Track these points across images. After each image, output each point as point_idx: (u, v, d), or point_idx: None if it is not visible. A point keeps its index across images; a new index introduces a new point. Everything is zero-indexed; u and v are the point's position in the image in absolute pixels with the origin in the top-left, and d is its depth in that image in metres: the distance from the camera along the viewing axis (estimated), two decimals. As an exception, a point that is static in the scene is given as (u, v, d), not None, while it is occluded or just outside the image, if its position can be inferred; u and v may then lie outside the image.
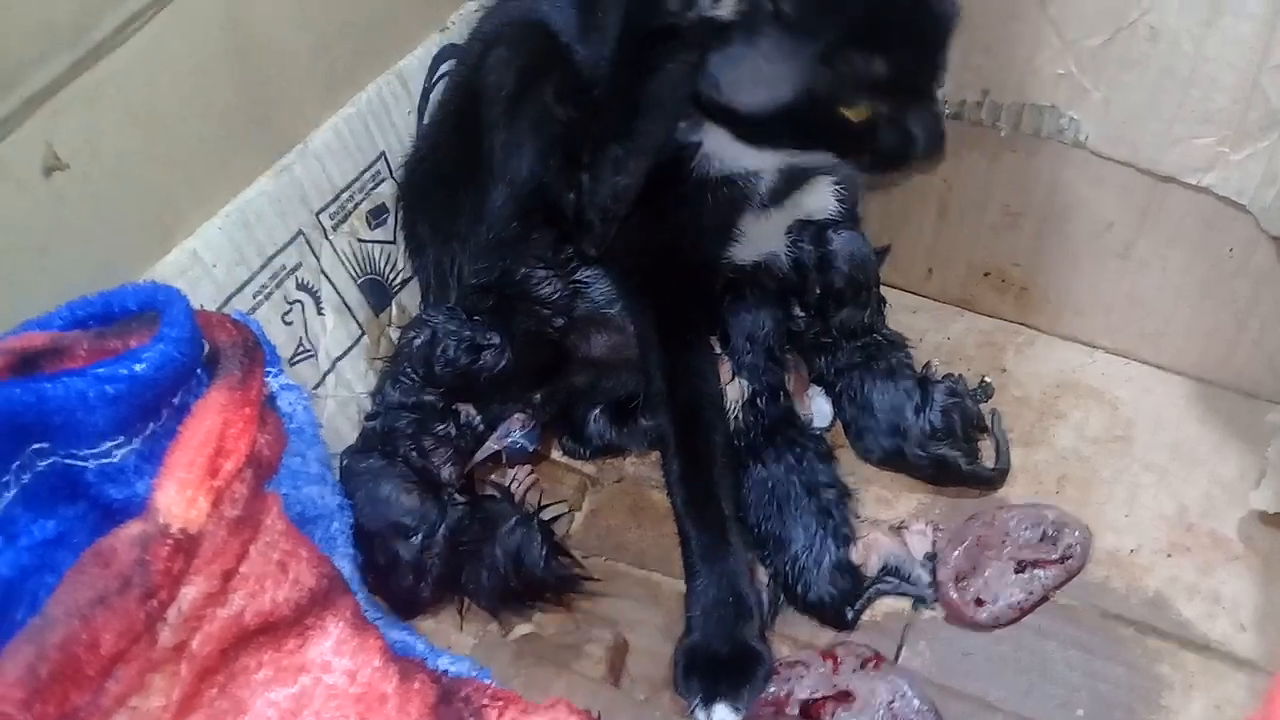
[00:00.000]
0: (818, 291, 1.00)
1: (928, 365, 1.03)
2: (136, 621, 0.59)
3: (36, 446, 0.61)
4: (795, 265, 1.01)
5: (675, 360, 0.95)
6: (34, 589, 0.61)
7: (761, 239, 0.98)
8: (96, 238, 0.77)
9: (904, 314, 1.11)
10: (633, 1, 0.82)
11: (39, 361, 0.62)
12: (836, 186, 1.00)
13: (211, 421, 0.64)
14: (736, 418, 0.95)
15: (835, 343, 1.02)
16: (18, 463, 0.61)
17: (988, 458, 0.99)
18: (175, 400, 0.65)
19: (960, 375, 1.02)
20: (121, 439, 0.63)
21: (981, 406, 1.02)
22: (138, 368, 0.62)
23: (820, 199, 1.00)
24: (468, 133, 0.97)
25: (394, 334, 1.02)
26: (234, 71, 0.85)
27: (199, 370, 0.67)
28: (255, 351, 0.69)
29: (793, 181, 0.96)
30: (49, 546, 0.62)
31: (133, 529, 0.60)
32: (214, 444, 0.63)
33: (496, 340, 0.93)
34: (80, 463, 0.62)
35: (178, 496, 0.62)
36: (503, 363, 0.94)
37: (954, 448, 0.96)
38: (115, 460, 0.63)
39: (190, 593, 0.63)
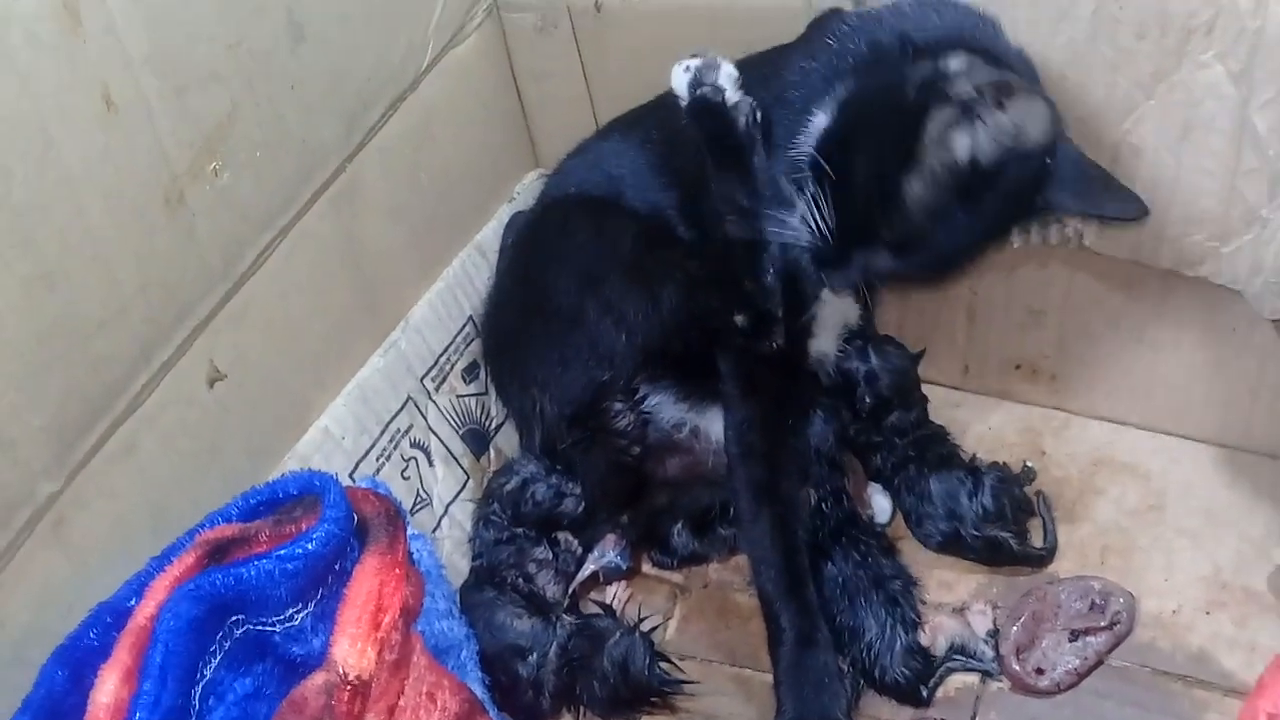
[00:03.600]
0: (868, 401, 1.12)
1: (973, 457, 1.14)
2: (329, 757, 0.72)
3: (234, 618, 0.75)
4: (841, 374, 1.13)
5: (775, 460, 1.04)
6: (240, 738, 0.75)
7: (820, 333, 1.09)
8: (251, 431, 0.92)
9: (947, 408, 1.22)
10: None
11: (230, 549, 0.77)
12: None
13: (370, 584, 0.77)
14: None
15: (886, 441, 1.13)
16: (220, 633, 0.75)
17: (1035, 538, 1.09)
18: (337, 567, 0.79)
19: (1004, 464, 1.13)
20: (300, 605, 0.77)
21: (1026, 489, 1.12)
22: (310, 546, 0.76)
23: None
24: (533, 291, 1.09)
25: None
26: (347, 274, 1.01)
27: (352, 539, 0.81)
28: (397, 519, 0.83)
29: None
30: (249, 700, 0.76)
31: (318, 679, 0.74)
32: (375, 602, 0.77)
33: (579, 491, 1.08)
34: (269, 628, 0.76)
35: (351, 649, 0.75)
36: (581, 509, 1.08)
37: (1005, 529, 1.07)
38: (296, 623, 0.77)
39: (365, 729, 0.76)
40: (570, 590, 1.08)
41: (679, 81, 0.96)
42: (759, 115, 0.96)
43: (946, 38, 0.93)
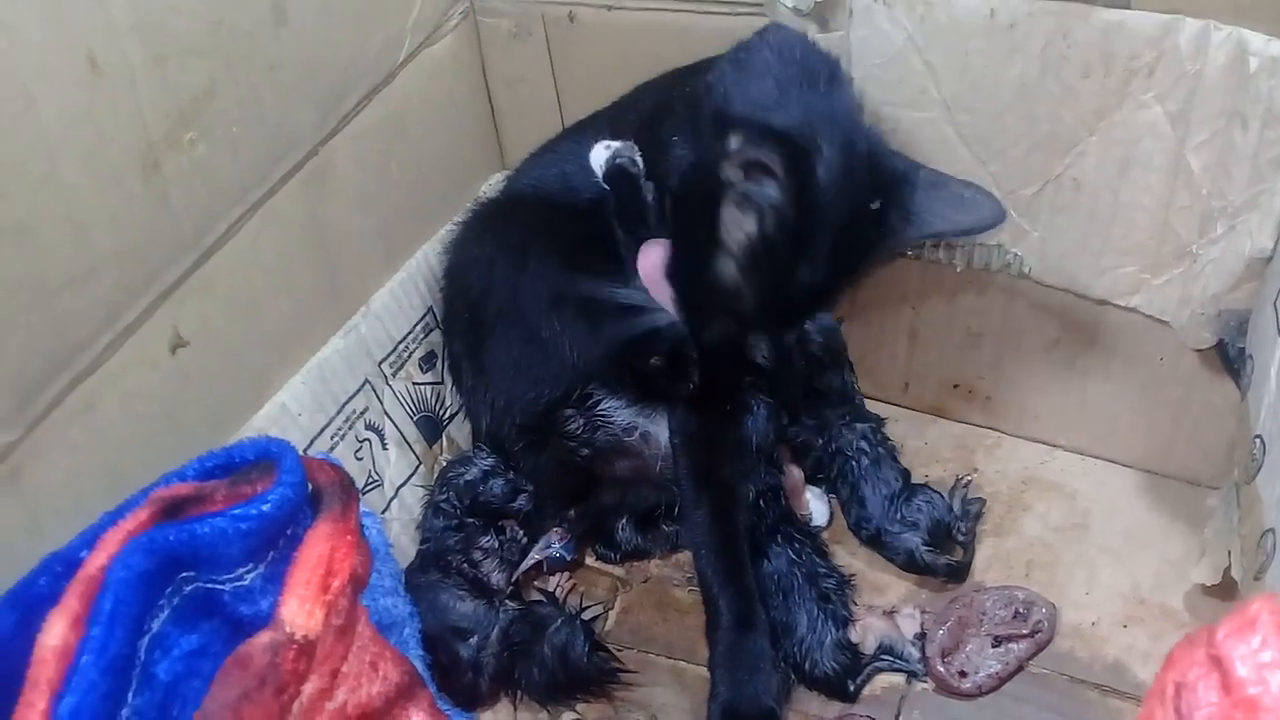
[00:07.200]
0: (802, 362, 1.15)
1: (959, 480, 1.17)
2: (273, 713, 0.74)
3: (184, 575, 0.77)
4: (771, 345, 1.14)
5: (716, 448, 1.08)
6: (185, 692, 0.76)
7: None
8: (210, 400, 0.94)
9: (886, 423, 1.26)
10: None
11: (185, 507, 0.78)
12: None
13: (321, 548, 0.79)
14: (742, 518, 1.10)
15: (820, 423, 1.17)
16: (170, 588, 0.76)
17: (956, 552, 1.13)
18: (289, 532, 0.81)
19: (968, 481, 1.16)
20: (251, 565, 0.78)
21: (969, 508, 1.15)
22: (264, 508, 0.78)
23: None
24: (491, 292, 1.12)
25: (445, 463, 1.18)
26: (312, 255, 1.03)
27: (306, 506, 0.83)
28: (350, 490, 0.85)
29: None
30: (194, 656, 0.77)
31: (264, 637, 0.76)
32: (325, 566, 0.79)
33: (531, 489, 1.11)
34: (219, 586, 0.78)
35: (299, 610, 0.77)
36: (531, 506, 1.11)
37: (926, 543, 1.11)
38: (246, 583, 0.78)
39: (309, 689, 0.77)
40: (514, 578, 1.10)
41: (598, 157, 1.05)
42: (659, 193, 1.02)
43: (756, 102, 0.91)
